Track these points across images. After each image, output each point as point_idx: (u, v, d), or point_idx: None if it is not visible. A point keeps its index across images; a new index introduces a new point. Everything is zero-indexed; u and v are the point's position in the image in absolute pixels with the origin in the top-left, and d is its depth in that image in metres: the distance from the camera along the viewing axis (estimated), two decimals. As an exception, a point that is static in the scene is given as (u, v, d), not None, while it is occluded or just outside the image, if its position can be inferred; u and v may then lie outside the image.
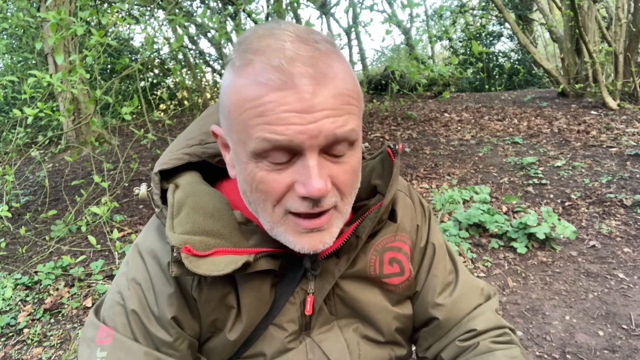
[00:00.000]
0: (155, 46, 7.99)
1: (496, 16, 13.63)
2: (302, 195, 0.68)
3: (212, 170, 0.91)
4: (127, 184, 5.08)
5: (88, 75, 3.18)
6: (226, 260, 0.71)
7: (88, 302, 3.08)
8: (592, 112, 7.25)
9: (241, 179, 0.75)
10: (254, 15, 7.47)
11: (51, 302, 3.10)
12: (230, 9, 6.95)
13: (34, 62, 7.72)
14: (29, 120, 3.01)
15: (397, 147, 0.91)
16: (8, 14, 5.31)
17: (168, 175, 0.87)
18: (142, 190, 0.87)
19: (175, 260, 0.69)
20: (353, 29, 12.70)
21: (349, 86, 0.70)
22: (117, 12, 3.93)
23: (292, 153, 0.68)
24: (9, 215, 3.12)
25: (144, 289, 0.78)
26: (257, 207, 0.74)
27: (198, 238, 0.73)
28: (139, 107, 4.53)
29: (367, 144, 1.00)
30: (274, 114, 0.65)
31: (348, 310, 0.88)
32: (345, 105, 0.69)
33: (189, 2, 7.96)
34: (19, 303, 3.15)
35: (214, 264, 0.70)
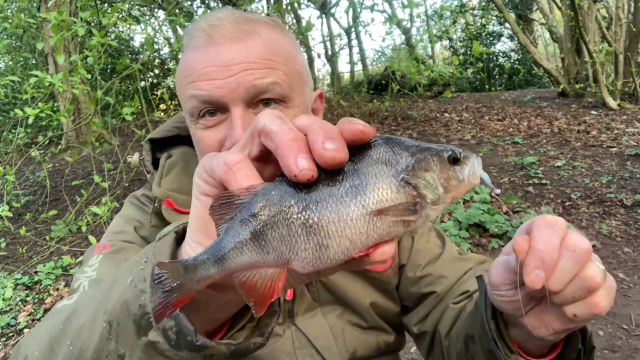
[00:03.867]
0: (156, 46, 7.99)
1: (496, 16, 13.63)
2: (229, 148, 0.73)
3: None
4: (127, 184, 5.08)
5: (89, 76, 3.18)
6: None
7: (88, 302, 3.09)
8: (592, 112, 7.25)
9: (194, 147, 0.82)
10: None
11: (51, 302, 3.11)
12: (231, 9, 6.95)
13: (34, 62, 7.73)
14: (30, 120, 3.02)
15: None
16: (8, 13, 5.31)
17: (162, 147, 0.94)
18: (134, 158, 0.95)
19: (155, 211, 0.76)
20: (353, 29, 12.70)
21: (275, 49, 0.77)
22: (117, 12, 3.93)
23: (221, 110, 0.75)
24: (10, 215, 3.12)
25: (135, 218, 0.86)
26: None
27: (181, 197, 0.79)
28: (139, 107, 4.53)
29: None
30: (196, 71, 0.74)
31: (330, 296, 0.91)
32: (266, 60, 0.75)
33: (189, 3, 7.96)
34: (19, 303, 3.16)
35: None
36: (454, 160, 0.45)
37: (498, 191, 0.51)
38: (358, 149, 0.44)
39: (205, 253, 0.44)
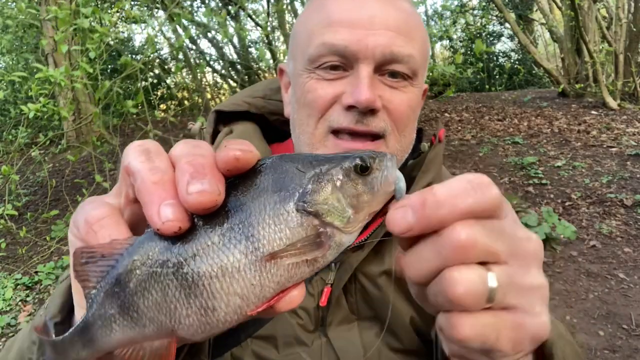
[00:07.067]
0: (157, 46, 8.00)
1: (496, 16, 13.62)
2: (348, 104, 0.68)
3: (268, 132, 0.89)
4: (127, 184, 5.08)
5: (92, 70, 3.19)
6: None
7: (89, 302, 3.10)
8: (593, 112, 7.25)
9: (294, 100, 0.76)
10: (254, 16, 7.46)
11: (52, 301, 3.11)
12: (231, 9, 6.94)
13: (34, 62, 7.73)
14: (31, 115, 3.02)
15: (437, 134, 0.82)
16: (9, 11, 5.31)
17: (227, 121, 0.87)
18: (196, 125, 0.90)
19: None
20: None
21: (416, 22, 0.73)
22: (117, 11, 3.94)
23: (346, 64, 0.69)
24: (15, 213, 3.12)
25: None
26: (300, 129, 0.73)
27: None
28: (141, 106, 4.54)
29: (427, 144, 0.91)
30: (338, 20, 0.68)
31: (371, 312, 0.80)
32: (408, 30, 0.70)
33: (189, 2, 7.96)
34: (19, 303, 3.16)
35: None
36: (363, 169, 0.37)
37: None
38: (244, 177, 0.36)
39: (73, 332, 0.37)
